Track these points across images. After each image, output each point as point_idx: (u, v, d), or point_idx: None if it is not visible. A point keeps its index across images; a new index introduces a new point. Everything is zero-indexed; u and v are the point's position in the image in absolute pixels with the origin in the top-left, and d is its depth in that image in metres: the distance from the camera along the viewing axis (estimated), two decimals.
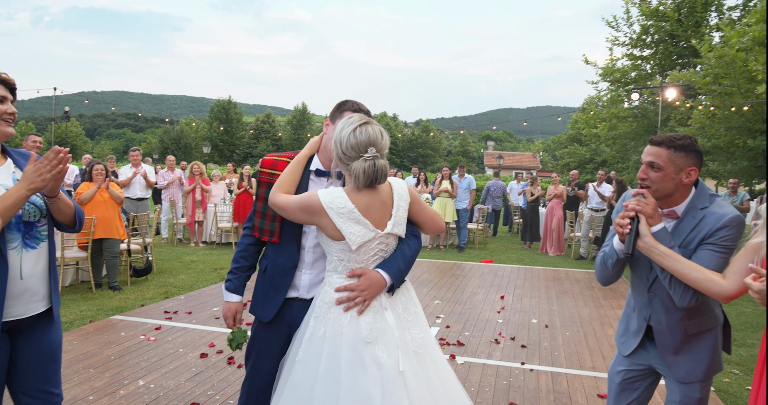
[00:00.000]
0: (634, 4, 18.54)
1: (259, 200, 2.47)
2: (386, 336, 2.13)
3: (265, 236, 2.46)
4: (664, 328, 2.31)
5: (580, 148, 37.63)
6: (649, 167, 2.21)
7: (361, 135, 2.13)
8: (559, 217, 12.29)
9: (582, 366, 4.95)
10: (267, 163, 2.47)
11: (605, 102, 19.75)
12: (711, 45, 12.93)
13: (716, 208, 2.19)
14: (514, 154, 75.25)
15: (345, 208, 2.14)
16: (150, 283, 7.73)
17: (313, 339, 2.16)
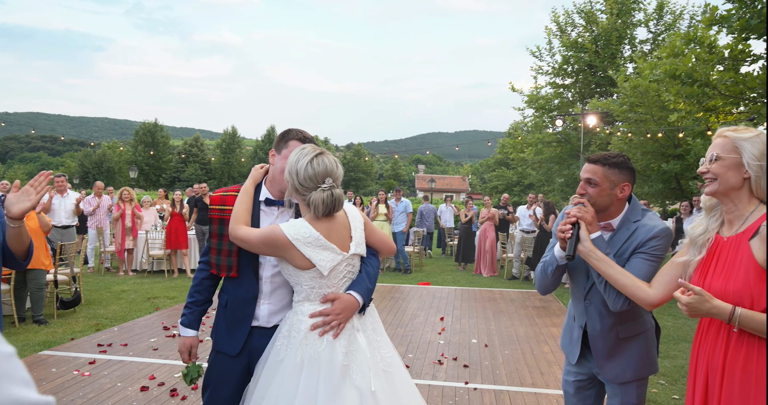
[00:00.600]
0: (556, 35, 19.66)
1: (213, 237, 2.50)
2: (359, 358, 2.19)
3: (223, 272, 2.48)
4: (598, 333, 2.48)
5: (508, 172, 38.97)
6: (587, 183, 2.40)
7: (318, 166, 2.18)
8: (492, 239, 12.67)
9: (522, 383, 5.13)
10: (216, 199, 2.51)
11: (530, 127, 20.69)
12: (626, 75, 13.88)
13: (647, 220, 2.40)
14: (444, 178, 76.91)
15: (311, 237, 2.19)
16: (79, 315, 7.37)
17: (288, 367, 2.17)
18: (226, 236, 2.44)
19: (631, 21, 18.50)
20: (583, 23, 19.36)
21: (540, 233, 11.22)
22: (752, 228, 1.91)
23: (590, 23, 19.09)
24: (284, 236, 2.17)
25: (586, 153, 17.36)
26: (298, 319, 2.24)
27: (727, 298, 1.88)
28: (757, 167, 1.93)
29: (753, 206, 1.96)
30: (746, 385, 1.84)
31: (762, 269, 1.84)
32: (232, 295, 2.48)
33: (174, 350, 5.76)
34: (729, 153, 1.97)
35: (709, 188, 2.01)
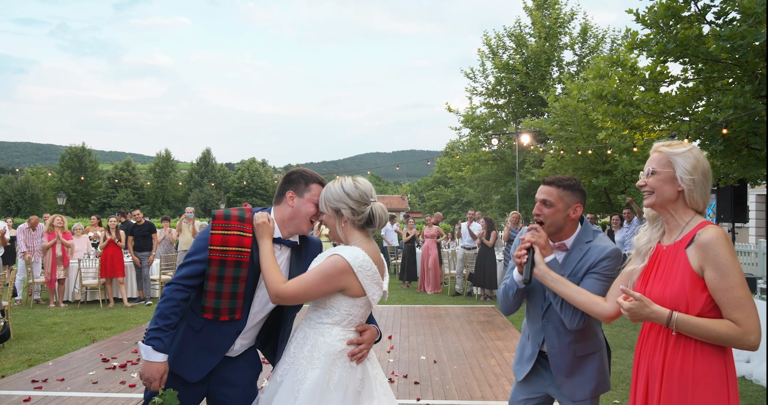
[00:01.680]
0: (488, 58, 20.38)
1: (211, 280, 2.38)
2: (368, 385, 2.32)
3: (225, 316, 2.40)
4: (556, 351, 2.56)
5: (446, 190, 39.70)
6: (542, 204, 2.54)
7: (363, 184, 2.39)
8: (435, 257, 12.86)
9: (472, 396, 5.22)
10: (217, 239, 2.39)
11: (465, 146, 21.25)
12: (555, 96, 14.55)
13: (599, 242, 2.53)
14: (384, 197, 77.28)
15: (370, 271, 2.29)
16: (8, 350, 6.95)
17: (317, 390, 2.20)
18: (227, 278, 2.38)
19: (558, 44, 19.46)
20: (514, 46, 20.19)
21: (481, 249, 11.48)
22: (688, 237, 2.02)
23: (520, 46, 19.93)
24: (348, 266, 2.24)
25: (521, 170, 17.98)
26: (326, 342, 2.28)
27: (665, 303, 1.98)
28: (689, 181, 2.04)
29: (689, 217, 2.08)
30: (683, 386, 1.93)
31: (697, 276, 1.95)
32: (213, 324, 2.42)
33: (115, 383, 5.52)
34: (663, 167, 2.08)
35: (648, 201, 2.13)
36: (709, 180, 2.08)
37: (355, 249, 2.30)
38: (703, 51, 7.36)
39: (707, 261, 1.92)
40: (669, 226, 2.14)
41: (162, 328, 2.35)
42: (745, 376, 5.86)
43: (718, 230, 1.96)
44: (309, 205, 2.46)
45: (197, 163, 69.75)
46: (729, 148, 8.05)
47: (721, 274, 1.89)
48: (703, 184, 2.06)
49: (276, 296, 2.25)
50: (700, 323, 1.90)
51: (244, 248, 2.40)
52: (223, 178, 68.29)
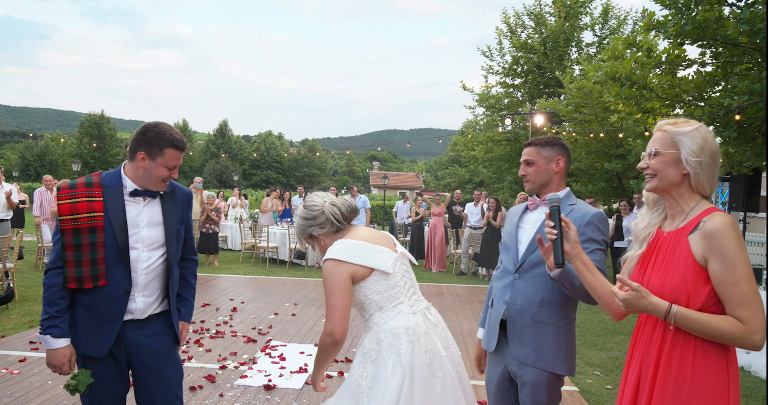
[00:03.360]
0: (506, 36, 20.01)
1: (68, 249, 2.35)
2: (438, 355, 2.28)
3: (89, 283, 2.37)
4: (517, 307, 2.53)
5: (460, 169, 39.49)
6: (525, 164, 2.65)
7: (311, 201, 2.48)
8: (441, 235, 12.83)
9: None
10: (65, 208, 2.36)
11: (482, 126, 21.02)
12: (572, 77, 14.28)
13: (582, 205, 2.60)
14: (399, 174, 77.31)
15: (358, 249, 2.31)
16: (12, 311, 7.09)
17: (381, 379, 2.18)
18: (84, 246, 2.35)
19: (578, 24, 19.03)
20: (533, 25, 19.79)
21: (487, 229, 11.43)
22: (692, 223, 1.86)
23: (539, 25, 19.53)
24: (339, 261, 2.27)
25: None
26: (373, 332, 2.30)
27: (665, 295, 1.84)
28: (695, 163, 1.87)
29: (694, 202, 1.92)
30: (680, 386, 1.80)
31: (699, 266, 1.80)
32: (96, 294, 2.40)
33: None
34: (667, 148, 1.91)
35: (649, 185, 1.97)
36: (718, 162, 1.91)
37: (336, 243, 2.35)
38: (722, 34, 7.14)
39: (712, 251, 1.76)
40: (672, 211, 1.98)
41: (54, 315, 2.35)
42: (744, 367, 5.80)
43: (726, 218, 1.80)
44: (161, 170, 2.43)
45: (214, 134, 69.93)
46: (743, 135, 7.85)
47: (727, 267, 1.73)
48: (711, 166, 1.88)
49: (334, 338, 2.23)
50: (700, 319, 1.75)
51: (96, 213, 2.37)
52: (239, 150, 68.51)
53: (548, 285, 2.50)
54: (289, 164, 71.17)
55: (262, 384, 4.72)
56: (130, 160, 2.47)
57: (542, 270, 2.51)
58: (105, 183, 2.43)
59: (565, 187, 2.66)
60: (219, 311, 7.54)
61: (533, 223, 2.64)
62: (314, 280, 10.51)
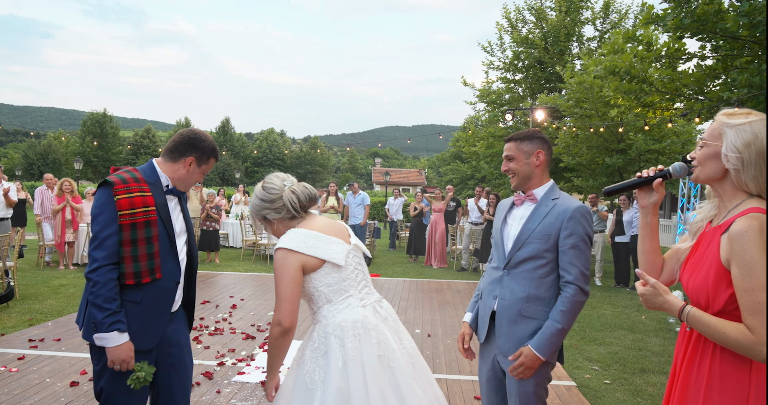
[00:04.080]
0: (507, 31, 19.93)
1: (125, 245, 2.37)
2: (389, 347, 2.27)
3: (146, 278, 2.40)
4: (506, 302, 2.55)
5: (462, 165, 39.39)
6: (507, 160, 2.67)
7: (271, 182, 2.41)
8: (442, 231, 12.82)
9: (461, 371, 5.22)
10: (125, 203, 2.39)
11: (484, 122, 20.94)
12: (572, 72, 14.21)
13: (564, 200, 2.59)
14: (401, 171, 77.21)
15: (311, 239, 2.27)
16: (12, 310, 7.11)
17: (334, 373, 2.17)
18: (141, 241, 2.39)
19: (579, 19, 18.92)
20: (534, 20, 19.69)
21: (488, 225, 11.41)
22: (727, 223, 1.73)
23: (540, 20, 19.43)
24: (290, 251, 2.23)
25: None
26: (322, 325, 2.28)
27: (689, 293, 1.79)
28: (736, 160, 1.72)
29: (738, 200, 1.77)
30: (698, 388, 1.73)
31: (724, 269, 1.69)
32: (150, 288, 2.44)
33: None
34: (714, 140, 1.78)
35: (693, 175, 1.86)
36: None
37: (289, 232, 2.31)
38: (722, 27, 7.09)
39: (733, 255, 1.65)
40: (719, 206, 1.85)
41: (116, 310, 2.34)
42: None
43: (754, 221, 1.64)
44: (200, 176, 2.61)
45: (216, 131, 69.95)
46: None
47: (744, 273, 1.61)
48: (758, 165, 1.70)
49: (283, 327, 2.21)
50: (711, 323, 1.67)
51: (150, 207, 2.44)
52: (241, 148, 68.51)
53: (534, 281, 2.52)
54: (291, 161, 71.15)
55: (259, 380, 4.72)
56: (171, 160, 2.57)
57: (529, 266, 2.54)
58: (147, 180, 2.51)
59: (549, 180, 2.68)
60: (218, 308, 7.55)
61: (519, 219, 2.65)
62: None
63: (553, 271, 2.52)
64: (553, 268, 2.52)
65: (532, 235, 2.53)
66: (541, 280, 2.51)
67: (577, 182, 15.29)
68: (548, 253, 2.51)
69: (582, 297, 2.46)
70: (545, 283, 2.51)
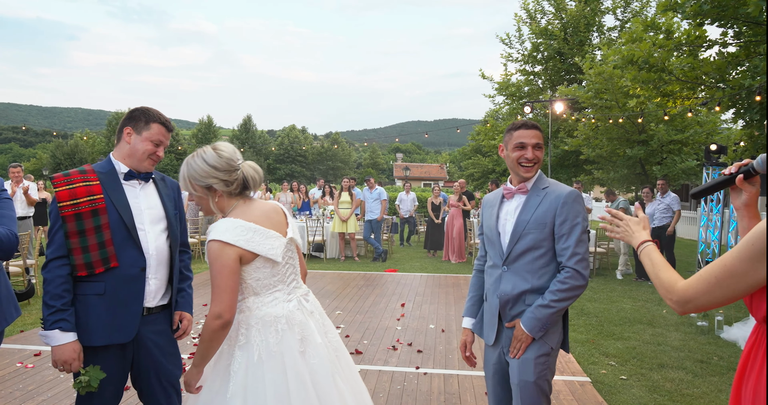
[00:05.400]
0: (525, 23, 19.69)
1: (72, 236, 2.31)
2: (312, 343, 2.22)
3: (99, 267, 2.32)
4: (508, 296, 2.52)
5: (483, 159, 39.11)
6: (535, 148, 2.55)
7: (225, 150, 2.24)
8: (459, 226, 12.72)
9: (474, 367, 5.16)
10: (64, 195, 2.33)
11: (504, 115, 20.74)
12: (592, 62, 13.97)
13: (554, 187, 2.56)
14: (423, 166, 76.95)
15: (248, 234, 2.15)
16: (32, 307, 7.24)
17: (249, 366, 2.13)
18: (89, 230, 2.32)
19: (599, 8, 18.60)
20: (553, 11, 19.42)
21: None
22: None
23: (559, 11, 19.15)
24: (224, 244, 2.10)
25: (554, 140, 17.46)
26: (244, 316, 2.21)
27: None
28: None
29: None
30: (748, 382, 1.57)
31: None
32: (110, 278, 2.35)
33: None
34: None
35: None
36: None
37: (223, 222, 2.16)
38: (743, 12, 6.88)
39: None
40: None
41: (60, 308, 2.28)
42: None
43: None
44: (146, 144, 2.44)
45: (238, 129, 70.57)
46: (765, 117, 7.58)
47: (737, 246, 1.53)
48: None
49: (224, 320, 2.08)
50: (655, 261, 1.74)
51: (96, 196, 2.36)
52: (263, 145, 68.99)
53: (537, 272, 2.50)
54: (313, 158, 71.42)
55: None
56: (117, 141, 2.51)
57: (528, 258, 2.51)
58: (98, 170, 2.44)
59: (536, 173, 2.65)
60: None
61: (512, 212, 2.60)
62: (332, 273, 10.53)
63: (553, 260, 2.50)
64: (552, 257, 2.50)
65: (527, 226, 2.49)
66: (543, 270, 2.49)
67: (597, 174, 15.07)
68: (545, 241, 2.48)
69: (578, 280, 2.41)
70: (547, 273, 2.48)
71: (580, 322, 6.95)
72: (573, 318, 7.18)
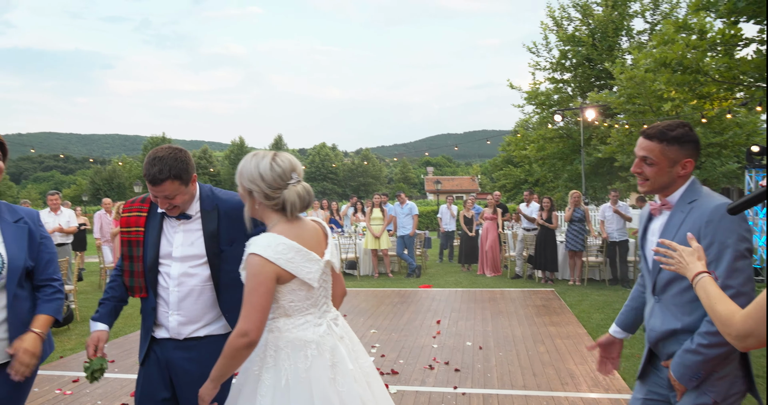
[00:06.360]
0: (552, 31, 19.49)
1: (125, 259, 2.52)
2: (342, 370, 2.13)
3: (136, 293, 2.52)
4: (658, 333, 2.16)
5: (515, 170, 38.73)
6: (642, 162, 2.17)
7: (283, 162, 2.12)
8: (493, 239, 12.51)
9: (513, 385, 4.99)
10: (123, 222, 2.55)
11: (535, 124, 20.51)
12: (622, 67, 13.69)
13: (703, 200, 2.09)
14: (454, 179, 76.66)
15: (289, 254, 2.06)
16: (72, 332, 7.33)
17: (276, 390, 2.05)
18: (134, 258, 2.48)
19: (627, 12, 18.30)
20: (579, 17, 19.19)
21: (541, 230, 11.05)
22: None
23: (586, 16, 18.91)
24: (265, 260, 2.01)
25: (587, 148, 17.13)
26: (274, 337, 2.13)
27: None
28: None
29: None
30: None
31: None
32: (143, 305, 2.55)
33: None
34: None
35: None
36: None
37: (265, 237, 2.06)
38: None
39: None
40: None
41: (101, 301, 2.56)
42: None
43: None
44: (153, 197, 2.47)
45: (270, 148, 71.50)
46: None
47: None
48: None
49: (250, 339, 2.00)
50: (711, 293, 1.70)
51: (139, 228, 2.49)
52: None
53: (686, 307, 2.07)
54: (344, 175, 71.88)
55: None
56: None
57: (675, 290, 2.11)
58: (153, 202, 2.52)
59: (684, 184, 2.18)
60: None
61: (657, 232, 2.22)
62: (366, 290, 10.44)
63: None
64: None
65: None
66: (693, 305, 2.03)
67: (633, 182, 14.68)
68: None
69: None
70: (700, 308, 1.99)
71: None
72: None
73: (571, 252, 10.92)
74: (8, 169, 17.30)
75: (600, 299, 9.08)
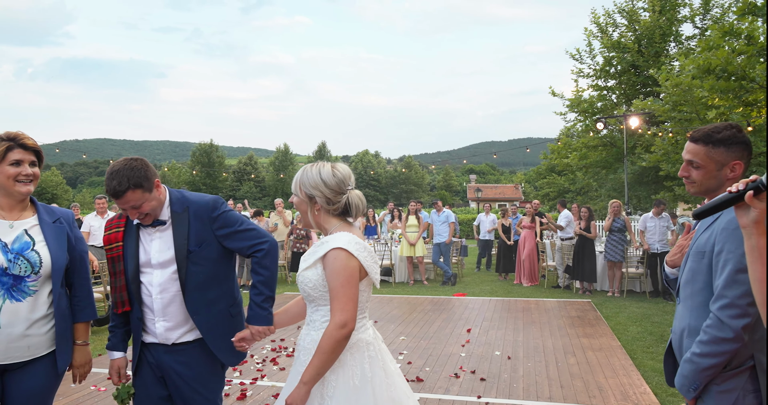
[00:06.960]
0: (596, 37, 19.14)
1: (111, 275, 2.57)
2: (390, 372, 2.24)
3: (119, 308, 2.54)
4: (675, 335, 2.15)
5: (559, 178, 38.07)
6: (689, 165, 2.15)
7: (342, 170, 2.27)
8: (531, 248, 12.32)
9: (539, 397, 4.90)
10: (105, 240, 2.60)
11: (579, 132, 20.14)
12: (668, 74, 13.33)
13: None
14: (497, 187, 75.82)
15: (366, 250, 2.20)
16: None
17: (344, 391, 2.11)
18: (117, 273, 2.54)
19: (675, 17, 17.80)
20: (625, 22, 18.78)
21: (579, 240, 10.83)
22: None
23: (632, 22, 18.49)
24: (350, 254, 2.12)
25: (631, 156, 16.70)
26: None
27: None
28: None
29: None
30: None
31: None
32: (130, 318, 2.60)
33: None
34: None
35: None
36: None
37: (343, 235, 2.16)
38: None
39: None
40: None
41: (110, 329, 2.64)
42: None
43: None
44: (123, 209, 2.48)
45: (314, 155, 72.43)
46: None
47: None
48: None
49: (348, 330, 2.06)
50: None
51: (119, 243, 2.53)
52: None
53: (695, 311, 2.07)
54: (386, 182, 72.16)
55: None
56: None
57: (688, 291, 2.12)
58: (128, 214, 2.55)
59: None
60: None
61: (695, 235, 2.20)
62: (399, 297, 10.43)
63: None
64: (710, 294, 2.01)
65: (690, 252, 2.12)
66: (702, 310, 2.02)
67: (678, 191, 14.23)
68: (700, 275, 2.04)
69: (720, 330, 1.89)
70: (706, 313, 1.99)
71: (659, 349, 6.48)
72: (652, 344, 6.71)
73: (610, 262, 10.66)
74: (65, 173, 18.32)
75: (638, 312, 8.82)
